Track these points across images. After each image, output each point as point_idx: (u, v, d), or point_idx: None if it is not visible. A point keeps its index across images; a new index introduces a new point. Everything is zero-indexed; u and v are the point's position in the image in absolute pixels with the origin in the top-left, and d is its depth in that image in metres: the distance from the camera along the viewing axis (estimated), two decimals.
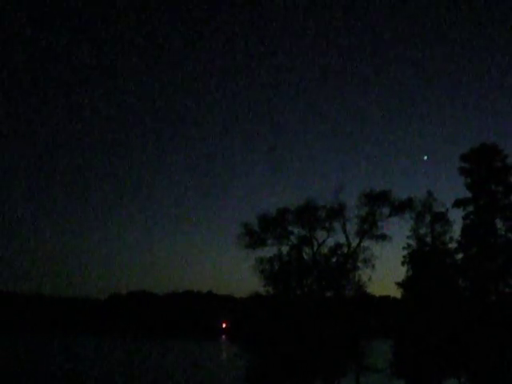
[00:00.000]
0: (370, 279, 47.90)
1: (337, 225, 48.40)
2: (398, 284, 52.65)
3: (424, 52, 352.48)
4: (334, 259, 48.24)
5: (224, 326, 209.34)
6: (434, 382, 50.95)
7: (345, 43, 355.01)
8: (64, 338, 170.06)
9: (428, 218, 52.18)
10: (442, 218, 52.26)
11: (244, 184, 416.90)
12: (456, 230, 52.41)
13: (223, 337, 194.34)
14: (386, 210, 48.40)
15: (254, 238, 48.61)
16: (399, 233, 51.54)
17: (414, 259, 52.17)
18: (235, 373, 50.58)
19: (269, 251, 48.67)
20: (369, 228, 47.90)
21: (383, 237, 48.28)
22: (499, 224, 51.52)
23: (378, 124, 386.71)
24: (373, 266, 47.86)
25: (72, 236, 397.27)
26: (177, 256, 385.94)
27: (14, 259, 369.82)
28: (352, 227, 48.37)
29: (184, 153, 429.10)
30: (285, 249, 48.60)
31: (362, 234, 47.98)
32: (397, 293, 53.57)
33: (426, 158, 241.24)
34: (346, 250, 48.16)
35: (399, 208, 48.51)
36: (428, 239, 52.41)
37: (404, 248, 52.73)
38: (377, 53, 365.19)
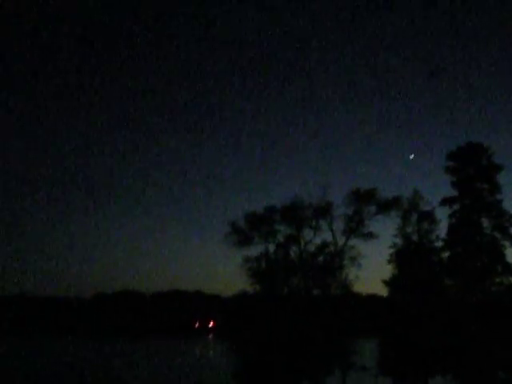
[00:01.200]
0: (356, 277, 48.01)
1: (323, 223, 48.55)
2: (385, 282, 52.81)
3: (410, 51, 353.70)
4: (320, 258, 48.32)
5: (211, 324, 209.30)
6: (420, 380, 51.14)
7: (334, 42, 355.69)
8: (48, 339, 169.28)
9: (414, 217, 52.39)
10: (428, 217, 52.49)
11: (232, 183, 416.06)
12: (442, 229, 52.72)
13: (210, 336, 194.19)
14: (372, 209, 48.59)
15: (241, 236, 48.63)
16: (386, 231, 51.73)
17: (400, 257, 52.36)
18: (223, 371, 50.49)
19: (256, 250, 48.71)
20: (355, 226, 48.03)
21: (370, 235, 48.44)
22: (485, 222, 51.80)
23: (364, 123, 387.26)
24: (359, 265, 48.02)
25: (56, 233, 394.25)
26: (164, 255, 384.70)
27: None
28: (339, 226, 48.47)
29: (172, 152, 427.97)
30: (272, 247, 48.68)
31: (348, 232, 48.11)
32: (383, 291, 53.77)
33: (412, 156, 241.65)
34: (332, 248, 48.30)
35: (386, 206, 48.66)
36: (414, 237, 52.62)
37: (390, 246, 52.95)
38: (362, 52, 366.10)
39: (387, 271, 53.09)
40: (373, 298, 67.58)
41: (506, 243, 51.27)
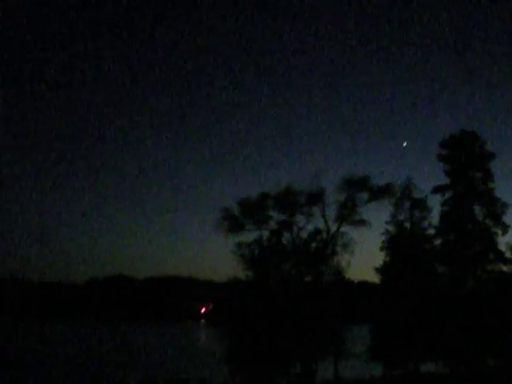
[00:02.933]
0: (348, 264, 47.92)
1: (316, 210, 48.29)
2: (377, 269, 52.98)
3: (403, 39, 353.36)
4: (313, 244, 48.20)
5: (203, 310, 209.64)
6: (411, 366, 51.41)
7: (324, 24, 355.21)
8: (41, 325, 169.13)
9: (407, 204, 52.47)
10: (420, 204, 52.58)
11: (225, 169, 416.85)
12: (435, 216, 52.84)
13: (202, 321, 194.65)
14: (364, 196, 48.35)
15: (233, 222, 48.37)
16: (378, 219, 51.71)
17: (392, 245, 52.49)
18: (214, 356, 50.50)
19: (248, 236, 48.54)
20: (348, 213, 47.84)
21: (362, 222, 48.23)
22: (477, 210, 51.95)
23: (357, 109, 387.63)
24: (351, 252, 47.84)
25: (49, 219, 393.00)
26: (157, 241, 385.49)
27: None
28: (331, 213, 48.32)
29: (165, 137, 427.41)
30: (264, 234, 48.49)
31: (341, 219, 47.92)
32: (375, 278, 53.96)
33: (405, 144, 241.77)
34: (324, 235, 48.12)
35: (378, 193, 48.47)
36: (407, 225, 52.73)
37: (383, 234, 53.05)
38: (356, 39, 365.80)
39: (379, 258, 53.29)
40: (365, 285, 67.72)
41: (498, 231, 51.46)
